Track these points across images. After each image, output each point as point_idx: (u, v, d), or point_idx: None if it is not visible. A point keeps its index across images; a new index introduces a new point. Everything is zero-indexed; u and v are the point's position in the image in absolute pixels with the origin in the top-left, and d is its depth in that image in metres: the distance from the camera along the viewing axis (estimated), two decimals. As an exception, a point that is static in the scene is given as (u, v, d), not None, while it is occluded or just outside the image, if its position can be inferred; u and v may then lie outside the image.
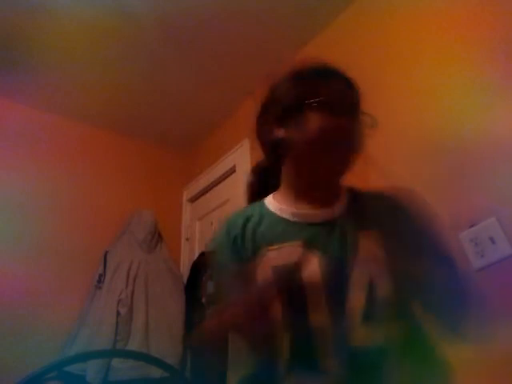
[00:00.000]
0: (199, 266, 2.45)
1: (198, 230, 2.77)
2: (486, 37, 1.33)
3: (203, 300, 2.30)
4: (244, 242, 0.84)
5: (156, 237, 2.44)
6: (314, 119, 0.80)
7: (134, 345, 2.04)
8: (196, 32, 1.98)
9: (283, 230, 0.83)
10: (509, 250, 1.20)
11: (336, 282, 0.75)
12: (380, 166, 1.27)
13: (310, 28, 1.99)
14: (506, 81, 1.28)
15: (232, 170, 2.51)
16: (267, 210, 0.88)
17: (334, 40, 1.93)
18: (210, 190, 2.77)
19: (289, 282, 0.74)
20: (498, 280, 1.18)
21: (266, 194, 0.94)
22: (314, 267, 0.75)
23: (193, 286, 2.40)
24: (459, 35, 1.41)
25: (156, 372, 1.96)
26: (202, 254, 2.49)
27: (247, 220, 0.87)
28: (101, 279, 2.18)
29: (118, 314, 2.07)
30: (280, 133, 0.85)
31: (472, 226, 1.27)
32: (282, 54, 2.14)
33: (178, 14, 1.87)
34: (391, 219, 0.82)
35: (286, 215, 0.85)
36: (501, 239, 1.23)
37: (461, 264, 0.87)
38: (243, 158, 2.37)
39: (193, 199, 2.92)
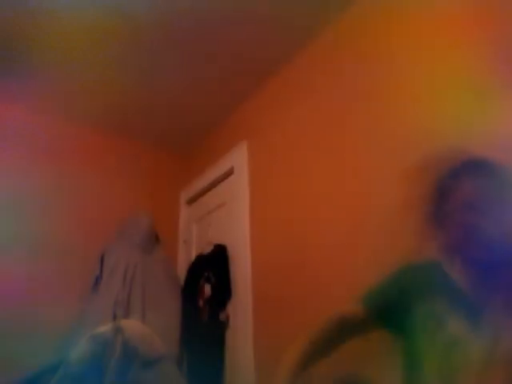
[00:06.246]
0: (196, 269, 2.45)
1: (195, 232, 2.77)
2: (485, 39, 1.35)
3: (200, 303, 2.31)
4: None
5: (153, 239, 2.44)
6: None
7: (130, 346, 2.03)
8: (195, 33, 1.98)
9: None
10: None
11: None
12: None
13: (309, 29, 2.00)
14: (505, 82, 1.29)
15: (230, 172, 2.52)
16: None
17: (333, 42, 1.95)
18: (207, 192, 2.77)
19: None
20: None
21: None
22: None
23: (190, 289, 2.41)
24: (459, 37, 1.43)
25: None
26: (199, 257, 2.50)
27: None
28: (97, 281, 2.18)
29: (115, 315, 2.07)
30: None
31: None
32: (282, 55, 2.16)
33: (178, 15, 1.87)
34: None
35: None
36: None
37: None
38: (241, 159, 2.38)
39: (190, 201, 2.92)
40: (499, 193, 0.91)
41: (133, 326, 0.96)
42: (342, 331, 1.13)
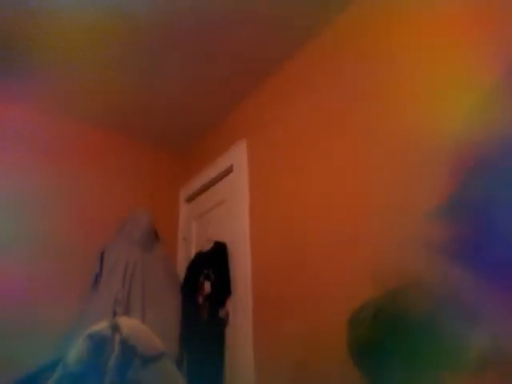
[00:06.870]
0: (196, 266, 2.46)
1: (195, 229, 2.78)
2: (485, 39, 1.35)
3: (200, 300, 2.31)
4: None
5: (152, 236, 2.44)
6: None
7: (130, 344, 2.04)
8: (195, 33, 1.99)
9: None
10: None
11: None
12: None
13: (309, 29, 2.00)
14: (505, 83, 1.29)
15: (229, 170, 2.52)
16: None
17: (332, 41, 1.95)
18: (206, 189, 2.78)
19: None
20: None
21: None
22: None
23: (189, 286, 2.41)
24: (459, 37, 1.43)
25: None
26: (199, 254, 2.50)
27: None
28: (97, 278, 2.18)
29: (115, 313, 2.07)
30: None
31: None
32: (281, 55, 2.16)
33: (178, 15, 1.88)
34: None
35: None
36: None
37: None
38: (240, 157, 2.38)
39: (189, 199, 2.93)
40: (500, 193, 0.92)
41: (130, 323, 0.96)
42: None
